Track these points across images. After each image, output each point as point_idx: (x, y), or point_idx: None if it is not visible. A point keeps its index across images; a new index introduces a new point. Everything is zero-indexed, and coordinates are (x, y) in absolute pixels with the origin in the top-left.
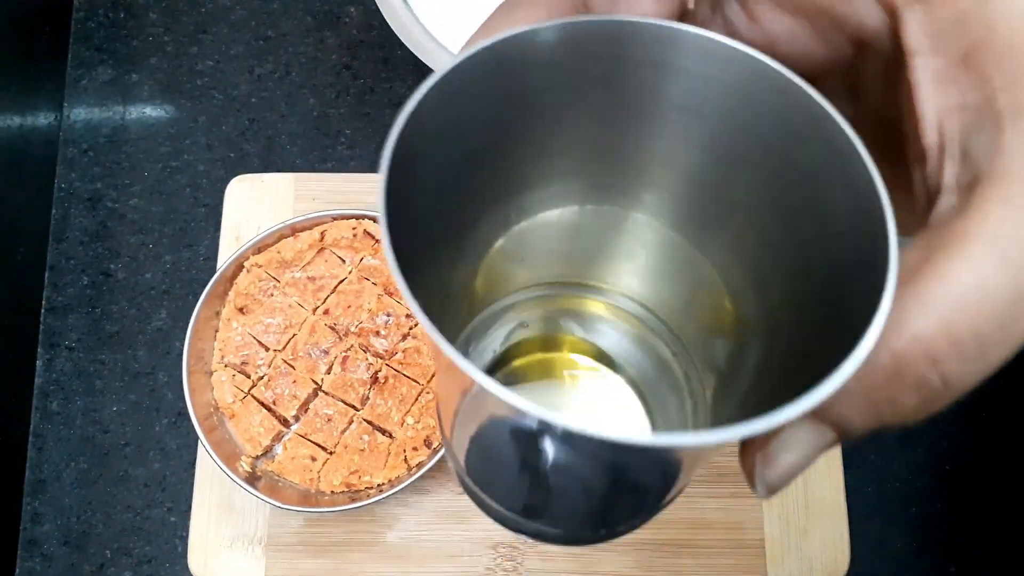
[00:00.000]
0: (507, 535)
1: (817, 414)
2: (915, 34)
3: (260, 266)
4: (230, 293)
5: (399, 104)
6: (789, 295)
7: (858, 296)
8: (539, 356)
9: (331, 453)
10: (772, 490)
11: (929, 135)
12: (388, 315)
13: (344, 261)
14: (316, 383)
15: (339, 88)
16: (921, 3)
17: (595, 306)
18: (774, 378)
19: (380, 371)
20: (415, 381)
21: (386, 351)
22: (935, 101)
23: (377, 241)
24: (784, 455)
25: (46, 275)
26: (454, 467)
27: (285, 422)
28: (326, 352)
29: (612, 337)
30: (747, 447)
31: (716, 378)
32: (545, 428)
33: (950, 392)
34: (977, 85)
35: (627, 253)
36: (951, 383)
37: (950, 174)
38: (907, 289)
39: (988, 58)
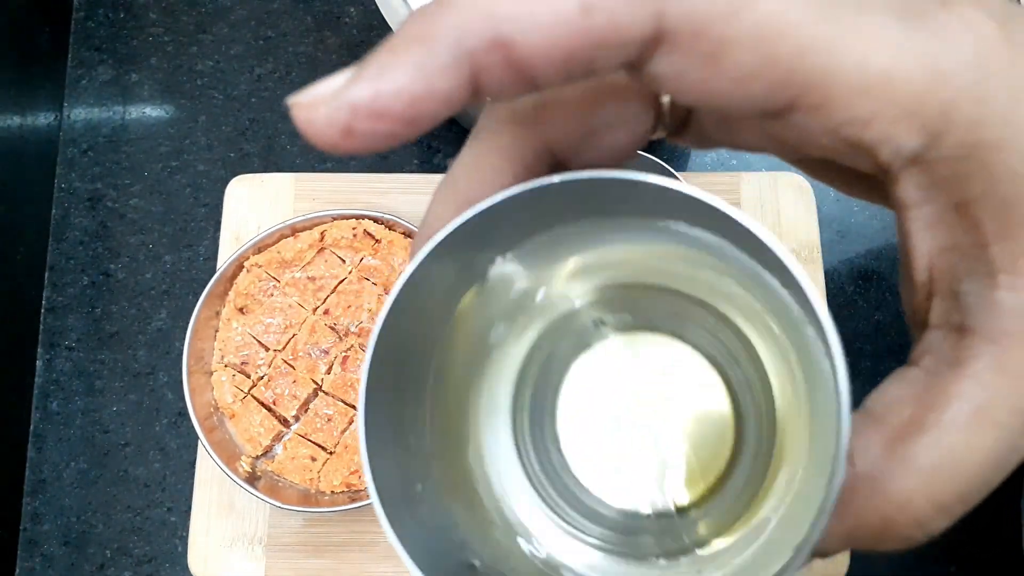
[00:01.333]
0: None
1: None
2: (910, 191)
3: (260, 266)
4: (230, 293)
5: None
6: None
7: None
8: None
9: (331, 453)
10: None
11: (919, 273)
12: None
13: (344, 261)
14: (316, 383)
15: None
16: (917, 165)
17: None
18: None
19: None
20: None
21: None
22: (927, 243)
23: (377, 241)
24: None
25: (46, 275)
26: None
27: (285, 422)
28: (326, 352)
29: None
30: None
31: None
32: None
33: (930, 536)
34: (970, 230)
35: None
36: (934, 533)
37: (939, 313)
38: (898, 450)
39: (982, 206)
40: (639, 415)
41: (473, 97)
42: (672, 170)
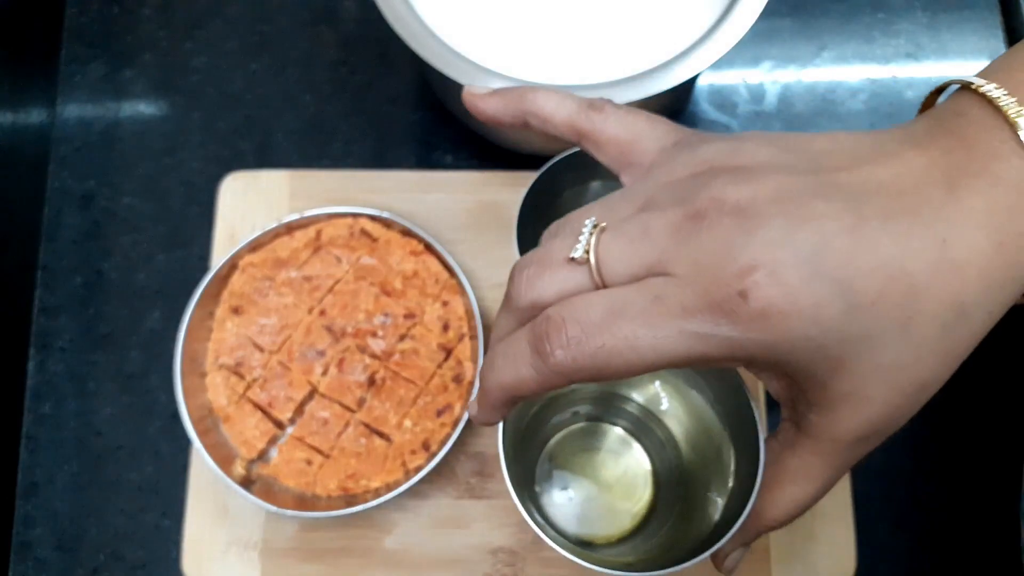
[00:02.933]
0: (507, 540)
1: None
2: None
3: (255, 265)
4: (224, 293)
5: (396, 100)
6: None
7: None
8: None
9: (327, 456)
10: (730, 571)
11: (777, 395)
12: (385, 316)
13: (341, 260)
14: (312, 385)
15: (335, 84)
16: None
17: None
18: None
19: (377, 373)
20: (413, 383)
21: (383, 352)
22: (780, 388)
23: (374, 240)
24: (731, 559)
25: (38, 275)
26: None
27: (280, 425)
28: (322, 353)
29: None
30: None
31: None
32: None
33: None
34: (801, 390)
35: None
36: (780, 527)
37: (785, 414)
38: (767, 495)
39: (805, 381)
40: (588, 469)
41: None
42: None
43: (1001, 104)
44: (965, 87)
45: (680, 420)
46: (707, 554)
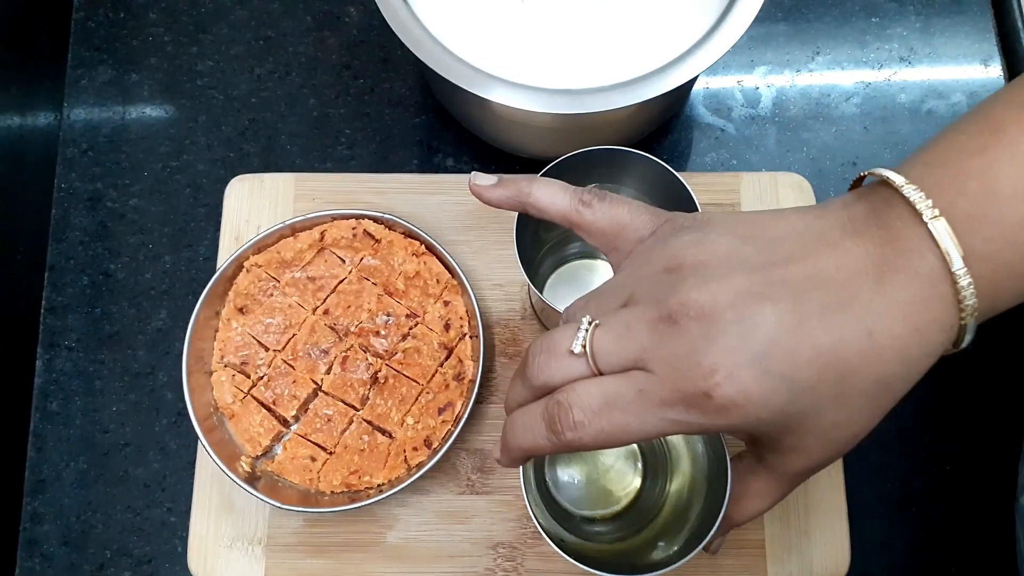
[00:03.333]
0: (507, 535)
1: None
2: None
3: (260, 266)
4: (230, 293)
5: (399, 104)
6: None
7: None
8: None
9: (331, 453)
10: (718, 550)
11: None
12: (388, 315)
13: (344, 261)
14: (316, 383)
15: (339, 88)
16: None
17: None
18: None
19: (380, 371)
20: (415, 381)
21: (386, 351)
22: (747, 441)
23: (377, 241)
24: (715, 545)
25: (46, 275)
26: None
27: (285, 422)
28: (326, 352)
29: None
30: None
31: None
32: None
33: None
34: (765, 447)
35: None
36: (742, 525)
37: (748, 450)
38: (735, 505)
39: (767, 438)
40: (588, 458)
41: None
42: (673, 171)
43: (916, 206)
44: (885, 182)
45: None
46: (694, 552)
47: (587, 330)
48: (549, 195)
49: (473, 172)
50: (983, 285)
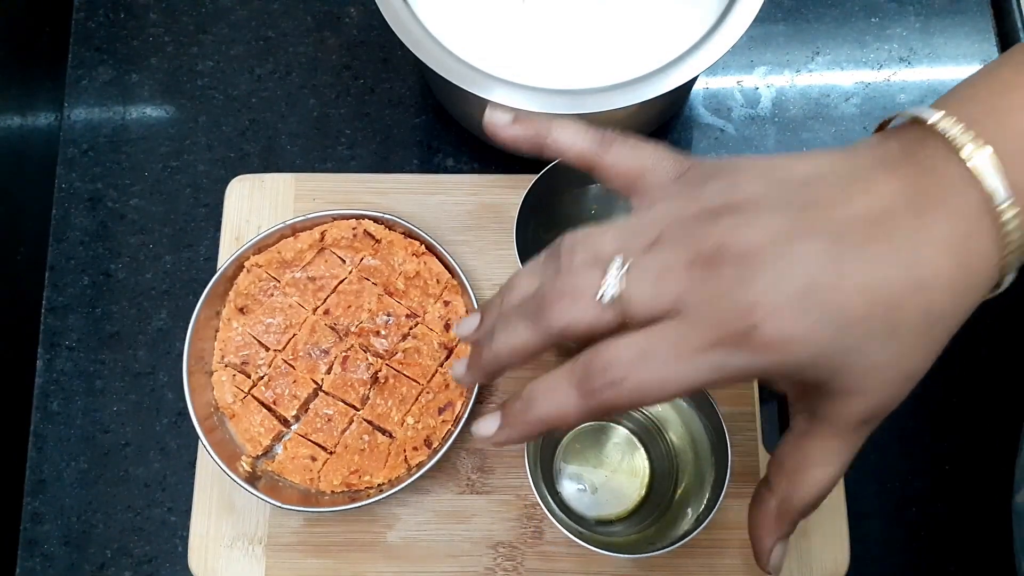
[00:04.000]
0: (507, 535)
1: (766, 534)
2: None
3: (260, 266)
4: (230, 293)
5: (399, 104)
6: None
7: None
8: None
9: (331, 453)
10: (779, 568)
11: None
12: (388, 315)
13: (344, 261)
14: (316, 383)
15: (339, 88)
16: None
17: None
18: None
19: (380, 371)
20: (415, 381)
21: (386, 351)
22: (792, 389)
23: (377, 241)
24: (775, 555)
25: (46, 275)
26: None
27: (285, 422)
28: (326, 352)
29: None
30: (758, 552)
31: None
32: None
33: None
34: (815, 391)
35: None
36: (813, 509)
37: (798, 408)
38: (794, 482)
39: (818, 383)
40: (596, 461)
41: None
42: None
43: (955, 140)
44: (916, 120)
45: (675, 425)
46: (684, 542)
47: (618, 275)
48: (569, 135)
49: (489, 106)
50: None
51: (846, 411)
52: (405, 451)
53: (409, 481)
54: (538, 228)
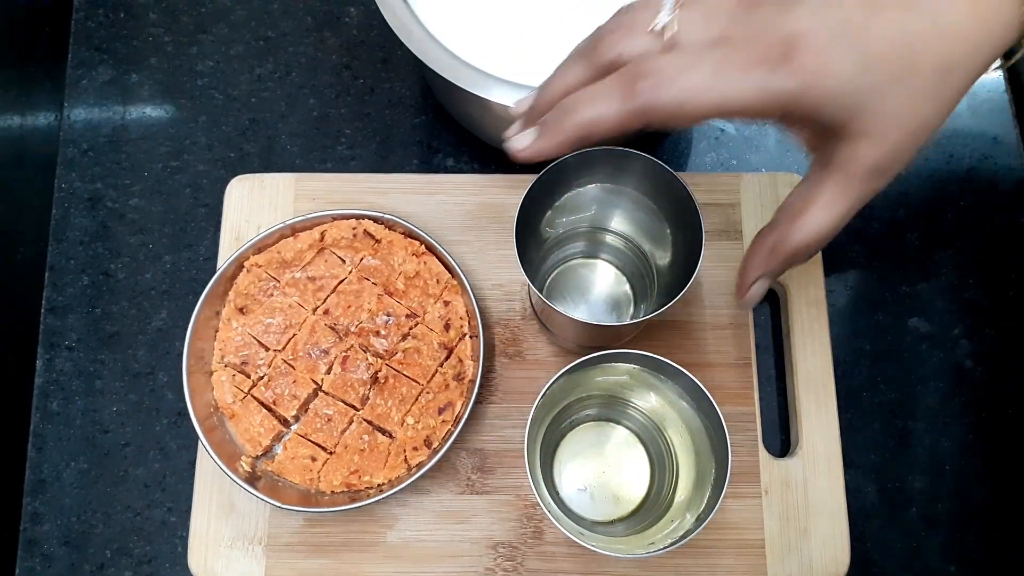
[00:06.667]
0: (507, 535)
1: (752, 268)
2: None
3: (260, 266)
4: (230, 293)
5: (399, 104)
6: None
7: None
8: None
9: (331, 453)
10: (750, 304)
11: (803, 145)
12: (388, 315)
13: (344, 261)
14: (316, 383)
15: (339, 88)
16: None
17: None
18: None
19: (380, 371)
20: (415, 381)
21: (386, 351)
22: (805, 134)
23: (377, 241)
24: (755, 288)
25: (46, 275)
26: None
27: (285, 422)
28: (326, 352)
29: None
30: (740, 282)
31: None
32: None
33: (808, 255)
34: (830, 133)
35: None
36: (809, 256)
37: (815, 157)
38: (795, 223)
39: (831, 126)
40: (596, 461)
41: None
42: (672, 171)
43: None
44: None
45: (675, 425)
46: (684, 542)
47: (671, 10)
48: None
49: (506, 143)
50: None
51: (857, 155)
52: (405, 451)
53: (409, 481)
54: (538, 228)
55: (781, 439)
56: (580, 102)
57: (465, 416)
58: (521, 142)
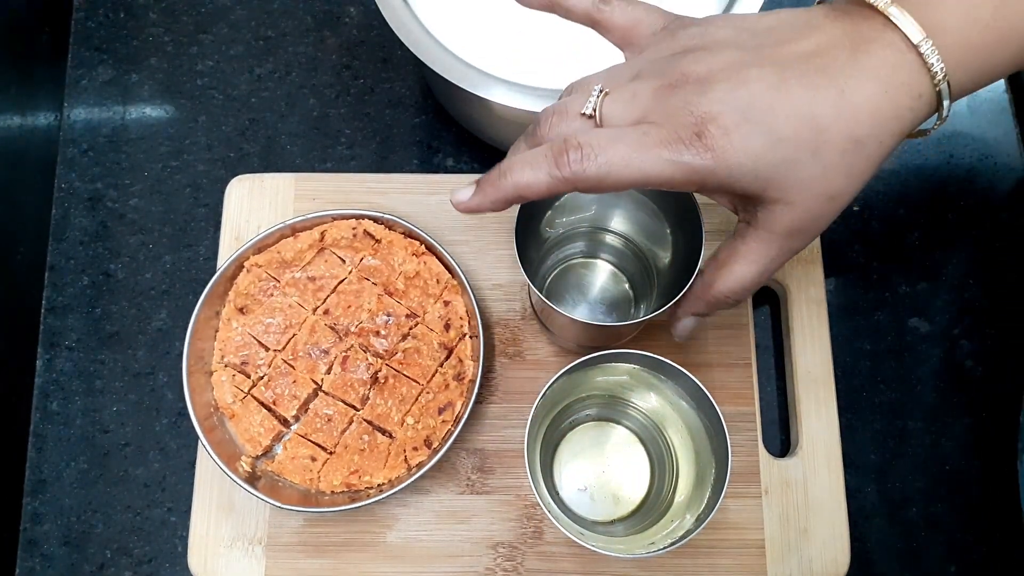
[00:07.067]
0: (507, 535)
1: (684, 307)
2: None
3: (260, 266)
4: (230, 293)
5: (399, 104)
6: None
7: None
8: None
9: (331, 453)
10: (681, 337)
11: (730, 207)
12: (388, 315)
13: (344, 261)
14: (316, 383)
15: (339, 88)
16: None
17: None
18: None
19: (380, 371)
20: (415, 381)
21: (386, 351)
22: (729, 200)
23: (377, 241)
24: (683, 323)
25: (46, 275)
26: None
27: (285, 422)
28: (326, 352)
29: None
30: (673, 317)
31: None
32: None
33: (731, 303)
34: (753, 201)
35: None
36: (732, 303)
37: (741, 216)
38: (720, 272)
39: (753, 195)
40: (596, 461)
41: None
42: None
43: (878, 7)
44: None
45: (675, 425)
46: (684, 542)
47: (598, 96)
48: (573, 1)
49: (452, 196)
50: (950, 55)
51: (775, 219)
52: (405, 451)
53: (409, 481)
54: (538, 228)
55: (781, 439)
56: (515, 165)
57: (465, 416)
58: (461, 196)
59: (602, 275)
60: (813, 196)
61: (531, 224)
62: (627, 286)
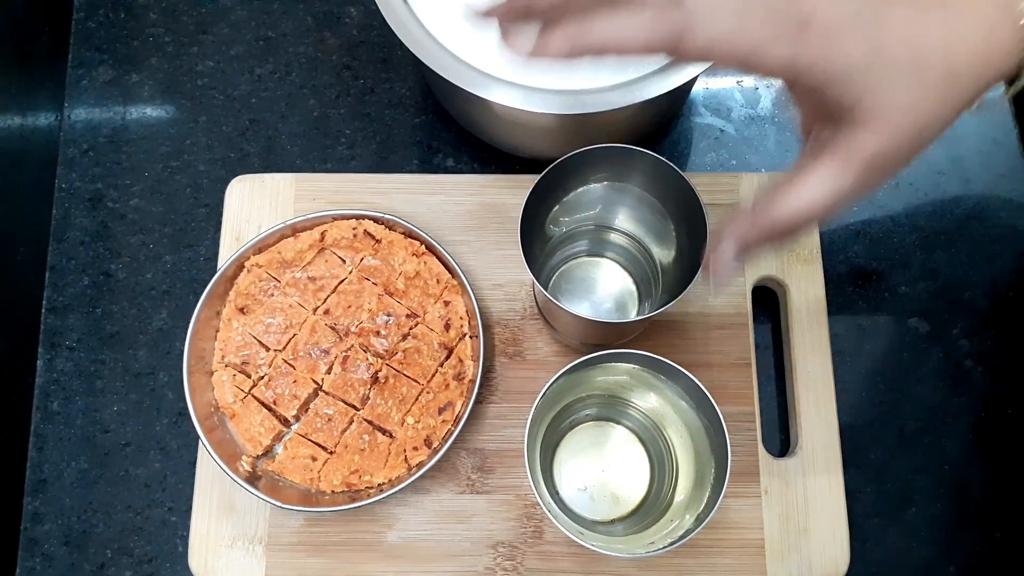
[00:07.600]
0: (507, 535)
1: (731, 231)
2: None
3: (260, 266)
4: (231, 293)
5: (399, 104)
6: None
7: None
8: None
9: (331, 453)
10: (717, 281)
11: (801, 127)
12: (388, 315)
13: (344, 261)
14: (316, 383)
15: (339, 88)
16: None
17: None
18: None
19: (380, 371)
20: (415, 381)
21: (386, 351)
22: (806, 116)
23: (377, 241)
24: (724, 261)
25: (46, 275)
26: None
27: (285, 422)
28: (326, 352)
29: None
30: (711, 251)
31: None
32: None
33: (795, 229)
34: (829, 117)
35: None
36: (797, 230)
37: (810, 141)
38: (779, 192)
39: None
40: (596, 460)
41: None
42: (674, 166)
43: None
44: None
45: (675, 424)
46: (684, 542)
47: None
48: None
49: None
50: None
51: (859, 143)
52: (405, 451)
53: (409, 481)
54: (543, 226)
55: (781, 439)
56: (605, 17)
57: (465, 416)
58: (523, 42)
59: (606, 273)
60: (904, 120)
61: (535, 222)
62: (631, 284)
